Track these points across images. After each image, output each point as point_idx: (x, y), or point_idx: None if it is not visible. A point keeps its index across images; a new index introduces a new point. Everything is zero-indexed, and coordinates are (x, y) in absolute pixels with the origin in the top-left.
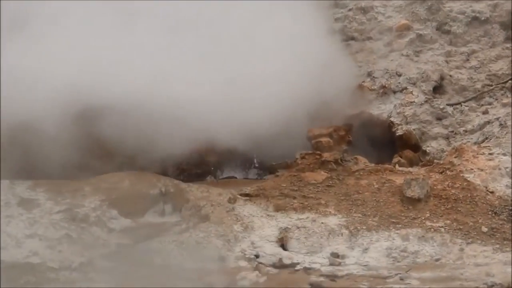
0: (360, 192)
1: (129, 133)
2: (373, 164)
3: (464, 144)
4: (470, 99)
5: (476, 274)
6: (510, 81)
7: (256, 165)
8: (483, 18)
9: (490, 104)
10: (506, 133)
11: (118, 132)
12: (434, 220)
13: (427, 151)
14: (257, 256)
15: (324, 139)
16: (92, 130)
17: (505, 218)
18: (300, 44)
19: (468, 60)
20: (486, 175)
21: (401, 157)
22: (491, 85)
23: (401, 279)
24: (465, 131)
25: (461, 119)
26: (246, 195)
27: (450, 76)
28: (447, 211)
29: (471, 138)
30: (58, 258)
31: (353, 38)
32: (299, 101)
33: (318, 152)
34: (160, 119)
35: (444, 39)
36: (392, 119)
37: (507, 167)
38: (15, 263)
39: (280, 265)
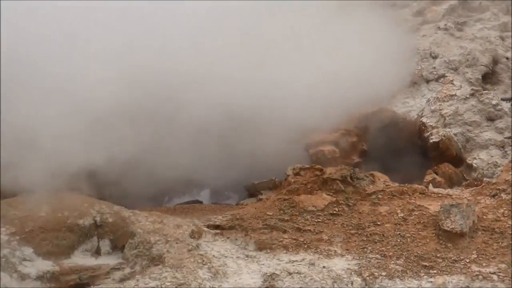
0: (379, 223)
1: None
2: (396, 184)
3: None
4: None
5: None
6: None
7: None
8: None
9: None
10: None
11: None
12: (484, 264)
13: (474, 165)
14: None
15: (327, 148)
16: None
17: None
18: None
19: None
20: None
21: (436, 174)
22: None
23: None
24: None
25: None
26: (216, 227)
27: (507, 59)
28: (502, 251)
29: None
30: None
31: None
32: None
33: (319, 166)
34: None
35: (498, 6)
36: (424, 119)
37: None
38: None
39: None
